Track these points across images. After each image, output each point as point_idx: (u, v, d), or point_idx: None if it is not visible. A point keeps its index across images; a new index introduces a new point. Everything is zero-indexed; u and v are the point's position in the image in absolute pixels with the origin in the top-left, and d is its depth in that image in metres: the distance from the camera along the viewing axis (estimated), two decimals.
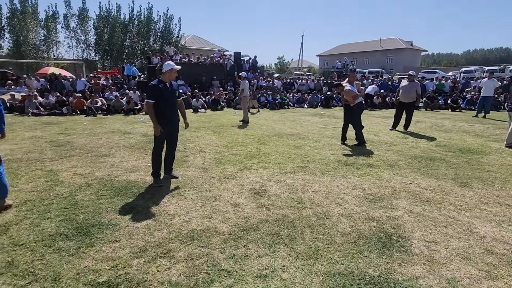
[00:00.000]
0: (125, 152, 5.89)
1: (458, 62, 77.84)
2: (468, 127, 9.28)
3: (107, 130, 8.29)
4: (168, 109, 4.06)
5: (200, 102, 13.86)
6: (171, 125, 4.14)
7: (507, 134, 6.49)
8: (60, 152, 5.82)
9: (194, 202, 3.62)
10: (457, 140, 7.22)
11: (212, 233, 2.91)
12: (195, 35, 43.93)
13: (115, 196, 3.76)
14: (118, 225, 3.03)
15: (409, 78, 8.21)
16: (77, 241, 2.73)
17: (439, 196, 3.83)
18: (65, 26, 29.02)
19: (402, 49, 48.81)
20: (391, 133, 8.16)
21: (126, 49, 31.25)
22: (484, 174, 4.66)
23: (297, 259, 2.51)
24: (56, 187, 4.03)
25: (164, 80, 4.05)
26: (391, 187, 4.13)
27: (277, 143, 6.78)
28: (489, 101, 11.60)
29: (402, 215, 3.29)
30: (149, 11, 31.94)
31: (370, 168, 4.93)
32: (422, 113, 12.95)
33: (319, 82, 20.78)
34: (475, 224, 3.11)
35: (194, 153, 5.82)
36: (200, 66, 19.18)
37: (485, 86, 11.61)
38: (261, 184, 4.20)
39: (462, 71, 29.88)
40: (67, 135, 7.52)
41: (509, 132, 6.41)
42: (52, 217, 3.17)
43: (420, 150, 6.13)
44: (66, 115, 11.42)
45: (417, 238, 2.83)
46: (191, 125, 9.21)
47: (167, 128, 4.08)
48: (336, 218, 3.23)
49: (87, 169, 4.83)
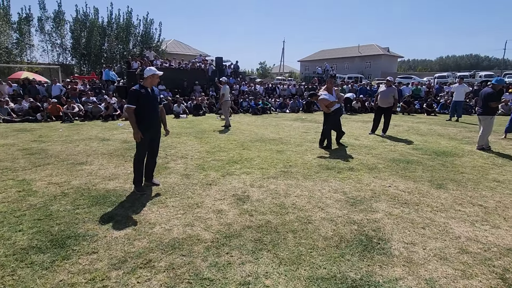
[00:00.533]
0: (103, 160, 5.72)
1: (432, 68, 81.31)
2: (443, 130, 9.66)
3: (85, 137, 8.03)
4: (149, 115, 3.99)
5: (181, 108, 13.71)
6: (152, 131, 4.06)
7: (478, 137, 6.80)
8: (33, 161, 5.58)
9: (175, 209, 3.55)
10: (433, 143, 7.50)
11: (194, 241, 2.86)
12: (176, 40, 43.55)
13: (92, 205, 3.63)
14: (95, 236, 2.92)
15: (387, 83, 8.48)
16: (51, 254, 2.61)
17: (417, 198, 3.95)
18: (39, 29, 28.02)
19: (379, 55, 50.41)
20: (370, 137, 8.37)
21: (104, 53, 30.50)
22: (458, 176, 4.85)
23: (280, 265, 2.51)
24: (29, 197, 3.85)
25: (145, 85, 4.00)
26: (371, 190, 4.22)
27: (259, 148, 6.79)
28: (460, 105, 12.15)
29: (382, 218, 3.37)
30: (128, 15, 31.39)
31: (351, 172, 5.02)
32: (399, 117, 13.37)
33: (300, 87, 21.08)
34: (450, 224, 3.23)
35: (175, 160, 5.73)
36: (181, 71, 19.00)
37: (456, 91, 12.18)
38: (243, 190, 4.18)
39: (435, 76, 31.18)
40: (41, 143, 7.22)
41: (480, 135, 6.73)
42: (24, 229, 3.02)
43: (398, 153, 6.32)
44: (41, 122, 10.98)
45: (397, 240, 2.90)
46: (173, 131, 9.08)
47: (148, 134, 4.01)
48: (318, 222, 3.26)
49: (62, 177, 4.64)
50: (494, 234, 3.03)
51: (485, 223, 3.27)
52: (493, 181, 4.62)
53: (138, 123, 3.88)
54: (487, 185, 4.43)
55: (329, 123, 6.76)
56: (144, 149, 4.08)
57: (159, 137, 4.25)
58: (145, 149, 4.10)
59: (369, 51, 51.83)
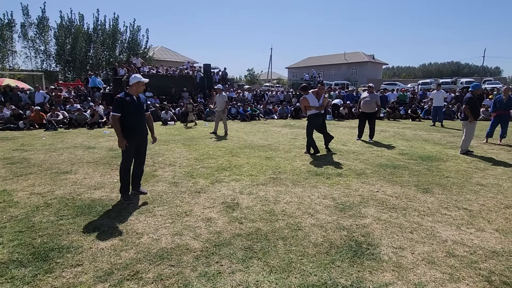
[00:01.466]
0: (88, 168, 5.58)
1: (415, 74, 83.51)
2: (427, 135, 9.89)
3: (69, 145, 7.84)
4: (135, 123, 3.93)
5: (169, 114, 13.59)
6: (138, 139, 4.01)
7: (461, 142, 6.99)
8: (15, 170, 5.39)
9: (163, 218, 3.49)
10: (418, 148, 7.66)
11: (183, 250, 2.81)
12: (164, 47, 43.38)
13: (77, 216, 3.53)
14: (80, 248, 2.83)
15: (369, 90, 8.67)
16: (33, 268, 2.51)
17: (404, 202, 4.01)
18: (22, 36, 27.39)
19: (365, 62, 51.55)
20: (358, 142, 8.48)
21: (90, 60, 30.02)
22: (443, 180, 4.96)
23: (271, 273, 2.48)
24: (9, 208, 3.71)
25: (131, 93, 3.95)
26: (360, 195, 4.26)
27: (248, 154, 6.78)
28: (440, 110, 12.54)
29: (370, 223, 3.39)
30: (115, 21, 31.09)
31: (339, 178, 5.06)
32: (385, 123, 13.63)
33: (288, 94, 21.26)
34: (437, 228, 3.28)
35: (163, 167, 5.65)
36: (169, 77, 18.89)
37: (435, 97, 12.60)
38: (233, 197, 4.15)
39: (419, 83, 32.04)
40: (23, 151, 7.00)
41: (463, 139, 6.91)
42: (4, 242, 2.90)
43: (385, 159, 6.42)
44: (23, 130, 10.67)
45: (386, 245, 2.92)
46: (160, 138, 8.98)
47: (133, 142, 3.95)
48: (308, 228, 3.26)
49: (46, 187, 4.50)
50: (479, 237, 3.10)
51: (471, 226, 3.34)
52: (476, 184, 4.74)
53: (124, 131, 3.83)
54: (471, 189, 4.54)
55: (306, 128, 6.86)
56: (130, 157, 4.02)
57: (145, 145, 4.19)
58: (131, 157, 4.03)
59: (355, 58, 52.93)
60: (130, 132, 3.88)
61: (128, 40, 32.14)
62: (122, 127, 3.82)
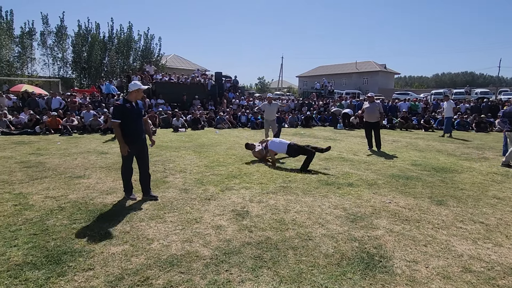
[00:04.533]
0: (101, 173, 5.68)
1: (428, 84, 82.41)
2: (441, 146, 9.70)
3: (83, 150, 8.00)
4: (135, 128, 4.11)
5: (180, 121, 13.75)
6: (138, 143, 4.18)
7: (508, 153, 6.73)
8: (31, 174, 5.53)
9: (174, 225, 3.50)
10: (431, 159, 7.51)
11: (192, 257, 2.81)
12: (176, 55, 44.13)
13: (89, 220, 3.58)
14: (92, 252, 2.86)
15: (369, 99, 8.78)
16: (46, 271, 2.54)
17: (417, 214, 3.92)
18: (41, 43, 28.35)
19: (376, 72, 51.18)
20: (369, 152, 8.38)
21: (105, 67, 30.78)
22: (458, 192, 4.84)
23: (281, 283, 2.45)
24: (25, 211, 3.79)
25: (130, 99, 4.12)
26: (371, 206, 4.19)
27: (258, 162, 6.77)
28: (449, 121, 12.32)
29: (383, 235, 3.33)
30: (129, 30, 31.91)
31: (351, 188, 5.00)
32: (397, 133, 13.46)
33: (299, 102, 21.26)
34: (452, 242, 3.19)
35: (174, 174, 5.70)
36: (181, 85, 19.19)
37: (446, 108, 12.40)
38: (243, 205, 4.14)
39: (432, 93, 31.58)
40: (39, 156, 7.18)
41: (510, 151, 6.70)
42: (19, 245, 2.96)
43: (397, 169, 6.32)
44: (39, 134, 10.96)
45: (399, 258, 2.86)
46: (171, 145, 9.08)
47: (134, 146, 4.12)
48: (319, 239, 3.22)
49: (60, 191, 4.59)
50: (497, 252, 3.00)
51: (488, 241, 3.23)
52: (493, 198, 4.61)
53: (124, 136, 3.99)
54: (487, 202, 4.41)
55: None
56: (130, 161, 4.19)
57: (146, 149, 4.34)
58: (130, 161, 4.21)
59: (366, 68, 52.65)
60: (130, 137, 4.05)
61: (142, 48, 32.87)
62: (122, 133, 3.98)
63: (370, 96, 8.87)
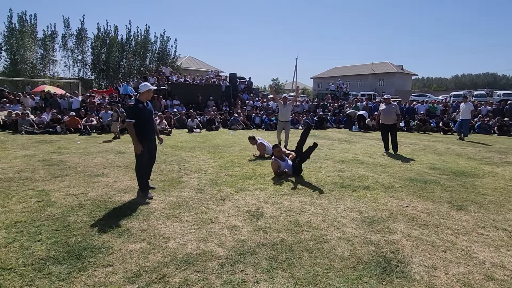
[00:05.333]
0: (119, 172, 5.81)
1: (447, 86, 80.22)
2: (461, 149, 9.42)
3: (101, 149, 8.21)
4: (146, 127, 4.31)
5: (195, 122, 13.91)
6: (150, 141, 4.41)
7: None
8: (52, 172, 5.72)
9: (189, 224, 3.55)
10: (451, 162, 7.31)
11: (208, 257, 2.84)
12: (192, 56, 44.68)
13: (108, 217, 3.67)
14: (111, 248, 2.94)
15: (386, 101, 8.73)
16: (68, 265, 2.63)
17: (436, 219, 3.83)
18: (63, 46, 29.32)
19: (393, 73, 50.20)
20: (385, 155, 8.23)
21: (122, 68, 31.53)
22: (479, 198, 4.69)
23: (296, 285, 2.44)
24: (48, 207, 3.93)
25: (141, 99, 4.33)
26: (388, 210, 4.11)
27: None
28: (466, 123, 11.93)
29: (400, 239, 3.26)
30: (146, 32, 32.59)
31: (366, 191, 4.93)
32: (415, 136, 13.16)
33: (313, 104, 21.12)
34: (473, 248, 3.10)
35: (189, 174, 5.77)
36: (196, 86, 19.40)
37: (462, 110, 11.99)
38: (257, 206, 4.15)
39: (451, 94, 30.70)
40: (60, 154, 7.42)
41: None
42: (43, 240, 3.07)
43: (414, 173, 6.18)
44: (60, 134, 11.32)
45: (417, 263, 2.80)
46: (186, 145, 9.20)
47: (147, 144, 4.33)
48: (334, 241, 3.19)
49: (80, 189, 4.73)
50: None
51: (511, 248, 3.12)
52: None
53: (137, 134, 4.17)
54: (511, 208, 4.25)
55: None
56: (143, 157, 4.34)
57: (155, 146, 4.59)
58: (143, 158, 4.36)
59: (382, 69, 51.74)
60: (142, 135, 4.23)
61: (158, 49, 33.49)
62: (136, 132, 4.15)
63: (387, 98, 8.81)
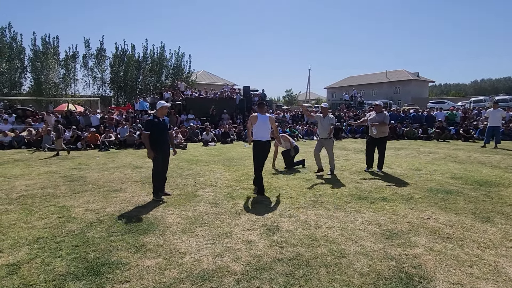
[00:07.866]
0: (136, 187, 5.92)
1: (466, 92, 78.00)
2: (484, 158, 9.07)
3: (119, 165, 8.41)
4: (160, 139, 4.99)
5: (210, 135, 14.05)
6: (163, 151, 5.05)
7: None
8: (73, 187, 5.89)
9: (205, 239, 3.54)
10: (473, 171, 7.04)
11: (224, 272, 2.81)
12: (206, 71, 45.67)
13: (126, 233, 3.72)
14: (128, 264, 2.96)
15: (377, 109, 7.22)
16: (87, 282, 2.67)
17: (460, 232, 3.66)
18: (83, 65, 30.66)
19: (409, 81, 49.43)
20: (404, 165, 8.03)
21: (139, 85, 32.55)
22: (506, 208, 4.46)
23: None
24: (68, 223, 4.03)
25: (158, 115, 5.03)
26: (408, 222, 3.98)
27: (287, 176, 6.72)
28: (498, 131, 11.47)
29: (422, 253, 3.14)
30: (161, 49, 33.66)
31: (385, 202, 4.79)
32: (434, 144, 12.79)
33: None
34: (502, 263, 2.93)
35: (204, 188, 5.80)
36: (210, 99, 19.71)
37: (492, 116, 11.52)
38: (273, 220, 4.11)
39: (471, 100, 29.82)
40: (80, 170, 7.65)
41: None
42: (63, 255, 3.14)
43: (435, 183, 5.98)
44: (80, 150, 11.69)
45: (441, 279, 2.67)
46: (201, 159, 9.29)
47: (161, 153, 4.98)
48: (352, 256, 3.10)
49: (99, 204, 4.84)
50: None
51: None
52: None
53: (152, 145, 4.86)
54: None
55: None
56: (159, 163, 5.02)
57: (168, 156, 5.21)
58: (159, 163, 5.03)
59: (397, 77, 51.07)
60: (157, 146, 4.92)
61: (173, 65, 34.46)
62: (150, 142, 4.85)
63: (378, 105, 7.23)
